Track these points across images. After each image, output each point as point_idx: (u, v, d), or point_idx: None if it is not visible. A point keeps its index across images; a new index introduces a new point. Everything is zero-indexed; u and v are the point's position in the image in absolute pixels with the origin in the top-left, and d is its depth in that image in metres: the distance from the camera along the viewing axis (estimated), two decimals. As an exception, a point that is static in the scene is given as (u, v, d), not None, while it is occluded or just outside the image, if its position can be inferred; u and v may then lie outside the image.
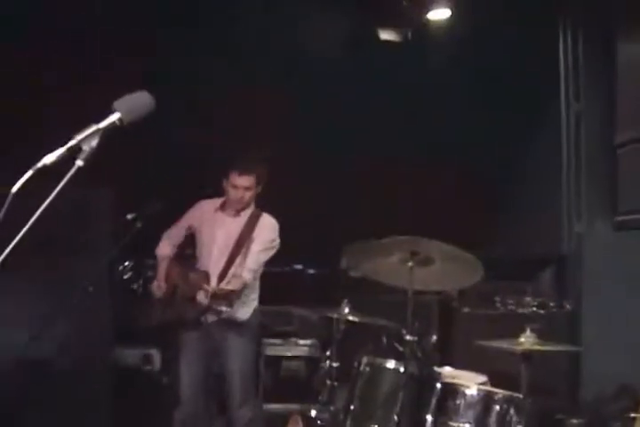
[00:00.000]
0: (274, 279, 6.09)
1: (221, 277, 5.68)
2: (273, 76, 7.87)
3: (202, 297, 5.52)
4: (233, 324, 5.78)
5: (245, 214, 5.87)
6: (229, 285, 5.54)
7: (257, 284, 5.94)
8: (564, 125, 7.62)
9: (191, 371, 5.86)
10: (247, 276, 5.63)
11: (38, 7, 6.74)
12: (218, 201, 5.98)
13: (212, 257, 5.85)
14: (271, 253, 5.83)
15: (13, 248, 2.31)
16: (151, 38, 7.31)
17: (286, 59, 7.91)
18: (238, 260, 5.75)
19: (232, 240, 5.81)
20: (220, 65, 7.67)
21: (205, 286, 5.48)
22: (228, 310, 5.45)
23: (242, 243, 5.77)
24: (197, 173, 7.13)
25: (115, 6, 6.97)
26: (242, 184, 5.72)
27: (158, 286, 5.93)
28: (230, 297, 5.35)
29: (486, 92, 7.88)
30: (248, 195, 5.78)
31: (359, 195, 8.01)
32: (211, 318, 5.76)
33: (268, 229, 5.85)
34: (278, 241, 5.87)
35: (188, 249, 6.11)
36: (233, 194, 5.76)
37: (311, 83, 7.87)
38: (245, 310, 5.84)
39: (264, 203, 6.01)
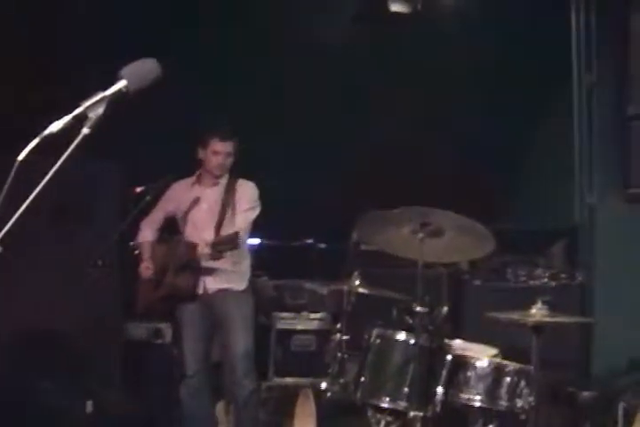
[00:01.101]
0: (284, 254, 6.09)
1: (217, 233, 5.73)
2: (284, 48, 7.81)
3: (203, 251, 5.54)
4: (232, 294, 5.84)
5: (222, 183, 5.93)
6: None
7: (247, 251, 6.01)
8: (575, 98, 7.57)
9: (194, 345, 5.91)
10: (243, 235, 5.64)
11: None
12: (190, 179, 6.05)
13: (198, 228, 5.90)
14: (256, 212, 5.88)
15: (19, 218, 2.29)
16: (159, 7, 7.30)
17: (296, 32, 7.85)
18: (226, 222, 5.80)
19: (215, 208, 5.87)
20: (231, 36, 7.62)
21: (201, 244, 5.51)
22: (223, 261, 5.56)
23: (226, 206, 5.84)
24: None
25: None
26: (224, 150, 5.84)
27: (146, 268, 5.94)
28: (234, 241, 5.34)
29: (497, 65, 7.83)
30: (229, 161, 5.89)
31: (370, 168, 7.97)
32: (211, 288, 5.79)
33: (248, 190, 5.93)
34: (259, 202, 5.92)
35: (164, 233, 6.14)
36: (214, 160, 5.85)
37: (322, 55, 7.85)
38: (242, 278, 5.90)
39: (275, 177, 6.01)
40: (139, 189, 5.75)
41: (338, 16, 7.91)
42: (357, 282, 5.52)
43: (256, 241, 5.99)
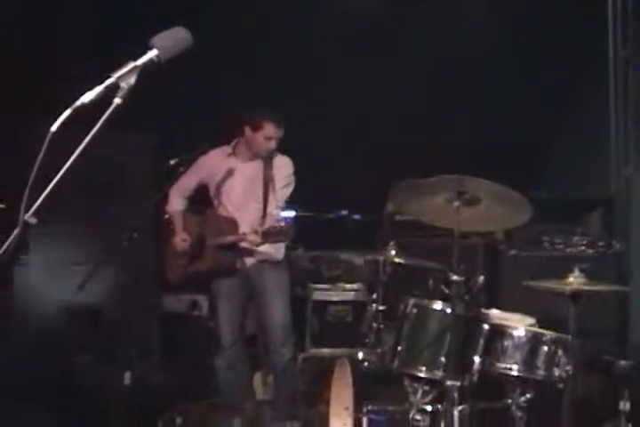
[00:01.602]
0: (319, 226, 6.08)
1: (264, 217, 5.71)
2: (312, 29, 7.82)
3: (253, 239, 5.51)
4: (270, 265, 5.86)
5: (259, 157, 5.89)
6: (269, 223, 5.55)
7: None
8: (611, 71, 7.51)
9: (230, 317, 5.93)
10: (278, 213, 5.66)
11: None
12: (227, 148, 5.99)
13: (235, 202, 5.89)
14: (291, 188, 5.90)
15: (52, 191, 2.28)
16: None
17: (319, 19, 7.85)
18: (270, 199, 5.81)
19: (253, 183, 5.85)
20: (255, 19, 7.62)
21: (250, 231, 5.49)
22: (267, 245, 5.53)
23: (267, 183, 5.84)
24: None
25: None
26: (277, 135, 5.80)
27: (182, 239, 5.93)
28: (285, 234, 5.33)
29: (533, 39, 7.80)
30: (275, 145, 5.84)
31: (404, 139, 7.94)
32: (249, 261, 5.79)
33: (284, 166, 5.93)
34: (294, 177, 5.94)
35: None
36: (265, 144, 5.79)
37: (353, 39, 7.87)
38: (278, 249, 5.89)
39: (308, 150, 5.98)
40: (172, 162, 5.74)
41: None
42: (393, 252, 5.50)
43: (291, 213, 5.96)
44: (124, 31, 6.34)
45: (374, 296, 5.72)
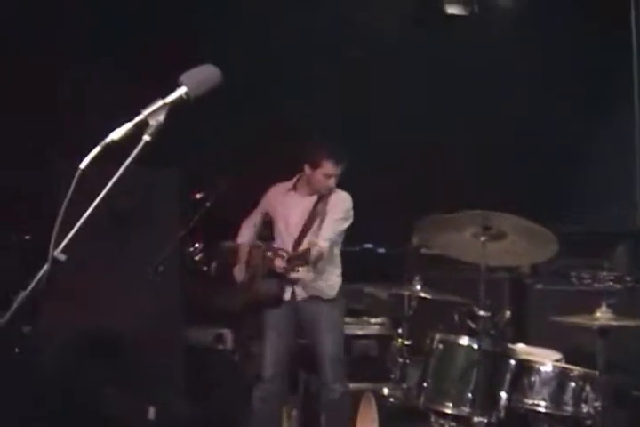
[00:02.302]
0: (344, 259, 6.07)
1: (297, 244, 5.71)
2: (337, 53, 7.84)
3: (279, 264, 5.52)
4: (322, 301, 5.81)
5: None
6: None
7: (338, 260, 5.96)
8: (636, 97, 7.47)
9: (275, 349, 5.86)
10: (322, 244, 5.59)
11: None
12: (288, 183, 6.04)
13: (289, 233, 5.89)
14: (346, 223, 5.86)
15: (82, 226, 2.30)
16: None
17: (349, 34, 7.87)
18: (313, 229, 5.79)
19: (310, 217, 5.86)
20: (280, 38, 7.65)
21: (281, 252, 5.50)
22: (304, 272, 5.50)
23: (315, 214, 5.82)
24: (269, 153, 7.14)
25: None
26: (336, 173, 5.79)
27: (239, 270, 6.01)
28: (305, 258, 5.31)
29: (556, 66, 7.77)
30: (333, 183, 5.84)
31: (428, 171, 7.94)
32: (300, 294, 5.80)
33: (341, 201, 5.89)
34: (352, 212, 5.89)
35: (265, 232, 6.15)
36: (324, 182, 5.80)
37: (376, 57, 7.87)
38: (331, 286, 5.86)
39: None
40: (198, 195, 5.77)
41: (395, 17, 7.89)
42: (418, 286, 5.50)
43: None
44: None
45: (399, 331, 5.72)
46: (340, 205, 5.86)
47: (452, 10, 7.88)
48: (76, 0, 7.13)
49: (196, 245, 6.21)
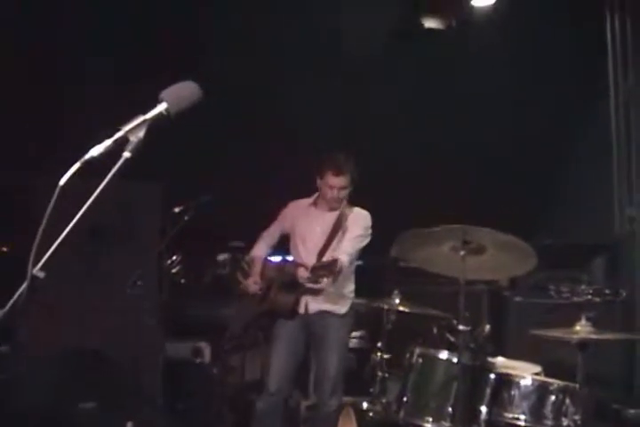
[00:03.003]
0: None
1: (319, 257, 5.72)
2: (317, 67, 7.85)
3: (302, 274, 5.54)
4: (333, 316, 5.81)
5: (338, 209, 5.95)
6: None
7: (352, 276, 6.00)
8: (612, 109, 7.52)
9: (282, 362, 5.83)
10: (343, 258, 5.57)
11: None
12: (308, 200, 6.10)
13: (308, 248, 5.91)
14: (366, 240, 5.89)
15: (61, 243, 2.28)
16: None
17: (329, 47, 7.88)
18: (334, 245, 5.81)
19: (329, 233, 5.89)
20: (257, 55, 7.66)
21: (305, 264, 5.51)
22: (327, 282, 5.50)
23: (337, 230, 5.85)
24: (247, 167, 7.15)
25: None
26: (338, 184, 5.82)
27: (254, 282, 6.00)
28: (331, 268, 5.31)
29: (533, 78, 7.80)
30: (343, 193, 5.89)
31: (409, 185, 7.96)
32: (312, 308, 5.79)
33: (361, 219, 5.94)
34: (371, 231, 5.93)
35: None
36: (329, 193, 5.86)
37: (355, 73, 7.88)
38: (344, 302, 5.87)
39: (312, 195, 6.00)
40: (177, 209, 5.76)
41: (374, 31, 7.91)
42: (397, 300, 5.50)
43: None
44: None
45: (379, 344, 5.71)
46: (360, 222, 5.91)
47: (430, 24, 7.91)
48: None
49: (174, 257, 6.18)
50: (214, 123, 7.07)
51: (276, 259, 6.16)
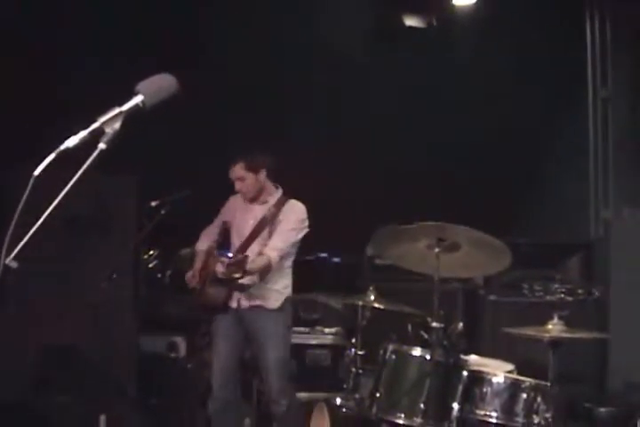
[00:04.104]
0: (298, 268, 6.05)
1: (239, 251, 5.61)
2: (299, 64, 7.89)
3: (219, 269, 5.50)
4: (265, 311, 5.72)
5: (271, 201, 5.88)
6: (253, 262, 5.50)
7: (288, 271, 5.86)
8: (590, 111, 7.57)
9: (224, 357, 5.80)
10: (271, 254, 5.57)
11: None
12: None
13: (242, 243, 5.84)
14: (300, 233, 5.80)
15: (34, 234, 2.28)
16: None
17: (308, 46, 7.90)
18: (260, 238, 5.75)
19: (259, 226, 5.82)
20: (247, 50, 7.69)
21: (223, 258, 5.47)
22: (248, 279, 5.47)
23: (264, 223, 5.78)
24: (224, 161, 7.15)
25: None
26: (232, 176, 5.78)
27: (193, 276, 5.94)
28: (241, 265, 5.29)
29: (512, 79, 7.84)
30: (243, 185, 5.80)
31: (384, 182, 7.97)
32: (244, 303, 5.76)
33: (294, 211, 5.83)
34: (307, 223, 5.84)
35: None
36: (235, 186, 5.83)
37: (336, 71, 7.93)
38: (276, 297, 5.75)
39: (289, 190, 5.99)
40: (154, 203, 5.74)
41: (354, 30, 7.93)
42: (372, 297, 5.51)
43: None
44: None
45: (353, 341, 5.72)
46: (292, 216, 5.80)
47: (411, 22, 7.93)
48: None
49: (150, 252, 6.17)
50: (199, 117, 7.10)
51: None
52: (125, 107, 2.38)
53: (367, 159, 8.03)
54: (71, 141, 2.31)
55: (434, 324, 4.60)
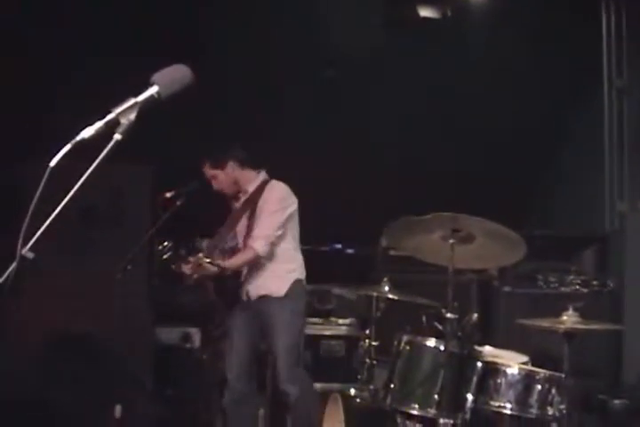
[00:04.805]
0: (312, 259, 6.05)
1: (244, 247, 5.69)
2: (309, 59, 7.97)
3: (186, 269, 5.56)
4: (272, 300, 5.72)
5: (252, 188, 5.88)
6: (236, 258, 5.57)
7: (289, 254, 5.83)
8: (606, 102, 7.53)
9: (237, 349, 5.82)
10: (255, 244, 5.59)
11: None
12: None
13: (230, 235, 5.91)
14: (285, 213, 5.72)
15: (50, 224, 2.28)
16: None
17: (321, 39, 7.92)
18: (243, 228, 5.79)
19: (239, 216, 5.86)
20: (255, 45, 7.74)
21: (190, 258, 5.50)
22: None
23: (252, 213, 5.77)
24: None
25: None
26: (207, 175, 5.84)
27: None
28: (204, 266, 5.33)
29: (527, 69, 7.86)
30: (217, 183, 5.84)
31: (399, 173, 7.98)
32: (252, 295, 5.75)
33: (272, 192, 5.79)
34: (292, 200, 5.79)
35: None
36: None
37: (349, 63, 7.99)
38: (279, 284, 5.75)
39: (303, 182, 5.99)
40: (168, 195, 5.75)
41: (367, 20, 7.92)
42: (387, 288, 5.51)
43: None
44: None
45: (367, 332, 5.72)
46: (272, 197, 5.76)
47: (426, 13, 7.90)
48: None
49: (165, 243, 6.15)
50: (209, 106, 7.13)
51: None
52: (141, 98, 2.39)
53: (382, 149, 8.03)
54: (87, 132, 2.31)
55: (448, 315, 4.59)
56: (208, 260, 5.37)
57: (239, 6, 7.61)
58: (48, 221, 2.28)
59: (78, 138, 2.30)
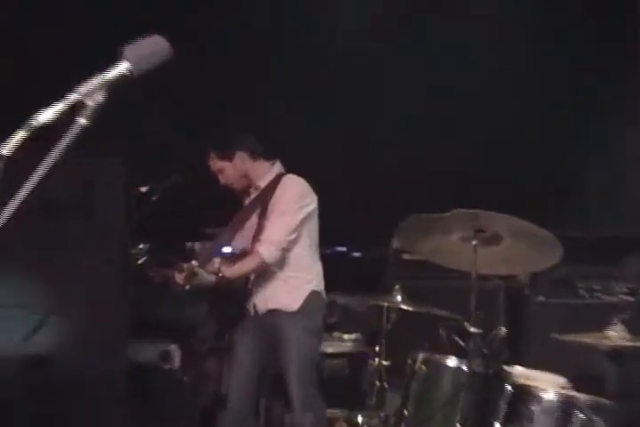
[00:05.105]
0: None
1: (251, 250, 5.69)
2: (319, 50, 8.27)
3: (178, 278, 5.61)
4: (283, 314, 5.69)
5: (264, 183, 5.87)
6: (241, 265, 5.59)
7: (303, 262, 5.80)
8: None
9: (242, 370, 5.82)
10: (264, 251, 5.56)
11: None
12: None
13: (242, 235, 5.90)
14: (302, 212, 5.67)
15: (8, 219, 2.26)
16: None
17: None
18: (249, 231, 5.81)
19: (248, 215, 5.87)
20: (255, 44, 8.14)
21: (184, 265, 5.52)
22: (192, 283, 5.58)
23: (263, 213, 5.75)
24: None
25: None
26: (213, 168, 5.87)
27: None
28: (199, 275, 5.36)
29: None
30: (224, 176, 5.85)
31: (414, 166, 8.07)
32: (260, 309, 5.74)
33: (287, 188, 5.76)
34: (311, 198, 5.76)
35: None
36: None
37: (349, 63, 8.36)
38: (292, 296, 5.71)
39: (306, 177, 6.01)
40: (143, 189, 5.74)
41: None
42: (399, 297, 5.50)
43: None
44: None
45: (376, 349, 5.72)
46: (285, 196, 5.73)
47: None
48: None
49: (140, 246, 6.13)
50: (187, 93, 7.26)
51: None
52: (109, 76, 2.34)
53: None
54: (44, 116, 2.26)
55: (471, 329, 4.58)
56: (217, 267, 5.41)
57: (239, 6, 8.00)
58: (4, 217, 2.25)
59: (33, 122, 2.25)
